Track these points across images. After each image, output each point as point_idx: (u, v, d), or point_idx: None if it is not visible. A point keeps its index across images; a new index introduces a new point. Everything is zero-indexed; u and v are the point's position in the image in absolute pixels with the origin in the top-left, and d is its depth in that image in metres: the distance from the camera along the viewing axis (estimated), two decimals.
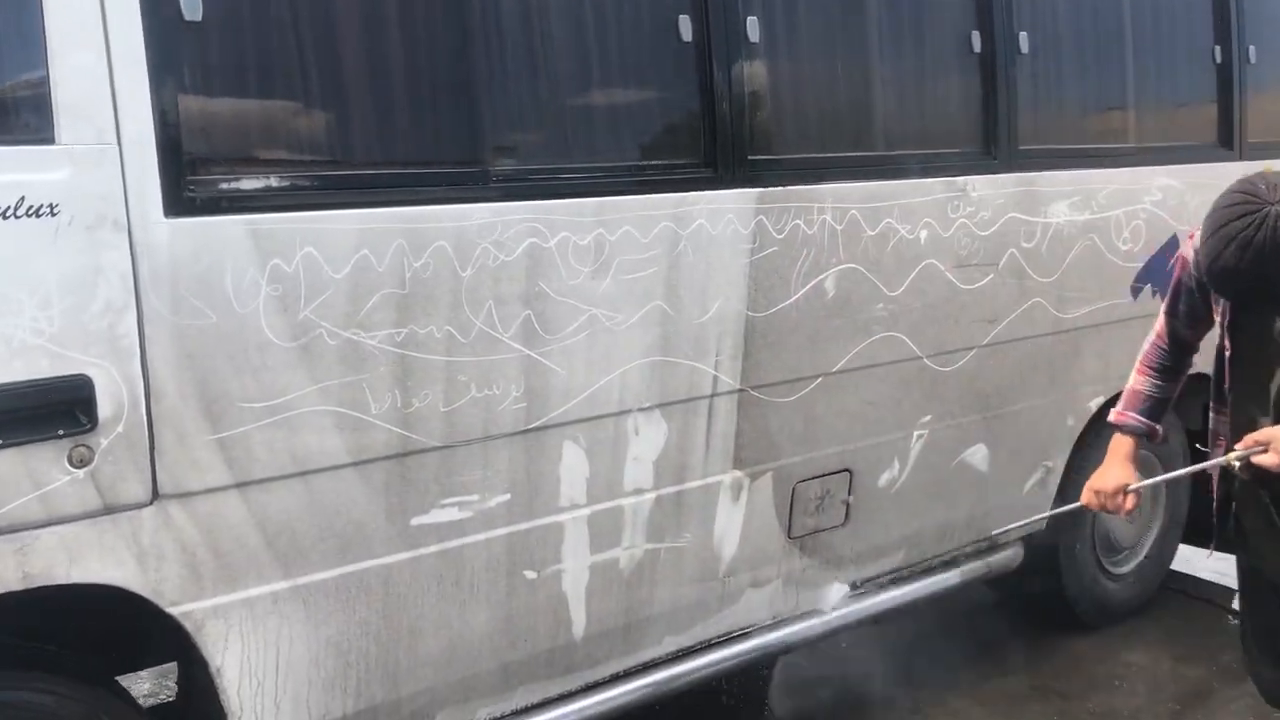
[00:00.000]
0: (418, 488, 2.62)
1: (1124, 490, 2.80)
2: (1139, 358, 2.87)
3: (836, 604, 3.54)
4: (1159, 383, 2.83)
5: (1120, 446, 2.85)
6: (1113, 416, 2.88)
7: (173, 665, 3.09)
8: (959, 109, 3.62)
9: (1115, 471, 2.82)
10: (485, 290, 2.63)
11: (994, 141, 3.62)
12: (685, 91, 3.00)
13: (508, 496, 2.76)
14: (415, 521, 2.64)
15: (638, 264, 2.87)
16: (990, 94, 3.61)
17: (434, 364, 2.58)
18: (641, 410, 2.95)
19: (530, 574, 2.86)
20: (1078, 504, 2.95)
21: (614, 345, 2.86)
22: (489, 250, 2.62)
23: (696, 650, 3.29)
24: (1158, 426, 2.86)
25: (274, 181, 2.38)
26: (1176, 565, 4.75)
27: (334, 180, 2.48)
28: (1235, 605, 4.73)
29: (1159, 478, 3.37)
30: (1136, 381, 2.85)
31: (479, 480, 2.71)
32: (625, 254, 2.84)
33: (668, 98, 3.01)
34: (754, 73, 3.09)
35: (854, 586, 3.57)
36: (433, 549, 2.68)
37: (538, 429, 2.77)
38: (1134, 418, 2.84)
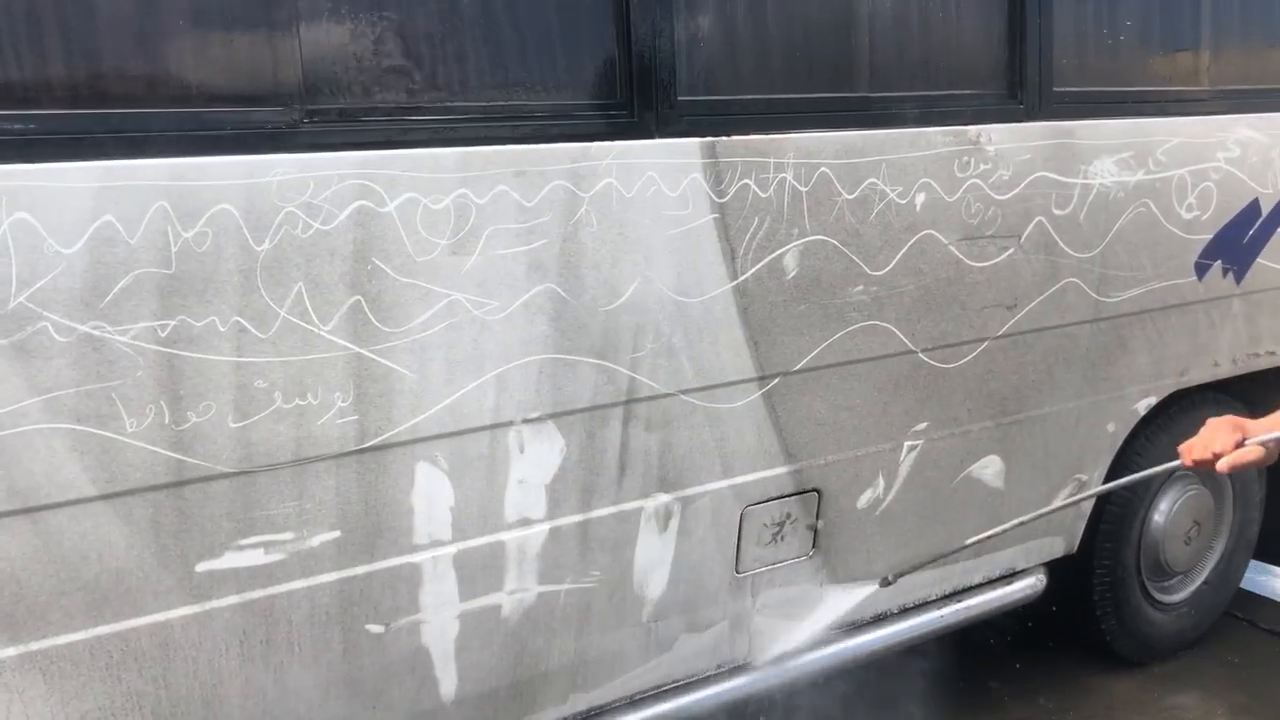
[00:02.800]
0: (203, 525, 2.02)
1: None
2: None
3: (853, 610, 2.93)
4: None
5: None
6: None
7: None
8: (974, 40, 2.85)
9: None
10: (292, 270, 1.99)
11: (1020, 81, 2.87)
12: (592, 4, 2.30)
13: (337, 534, 2.15)
14: (202, 567, 2.04)
15: (519, 235, 2.21)
16: (1017, 21, 2.85)
17: (217, 366, 1.95)
18: (527, 422, 2.31)
19: (375, 628, 2.25)
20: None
21: (485, 340, 2.21)
22: (296, 216, 1.98)
23: (615, 708, 2.68)
24: None
25: None
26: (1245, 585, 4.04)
27: (59, 121, 1.84)
28: None
29: None
30: None
31: (293, 514, 2.10)
32: (500, 222, 2.18)
33: (567, 11, 2.31)
34: None
35: (885, 582, 2.85)
36: (230, 601, 2.08)
37: (376, 448, 2.15)
38: None
